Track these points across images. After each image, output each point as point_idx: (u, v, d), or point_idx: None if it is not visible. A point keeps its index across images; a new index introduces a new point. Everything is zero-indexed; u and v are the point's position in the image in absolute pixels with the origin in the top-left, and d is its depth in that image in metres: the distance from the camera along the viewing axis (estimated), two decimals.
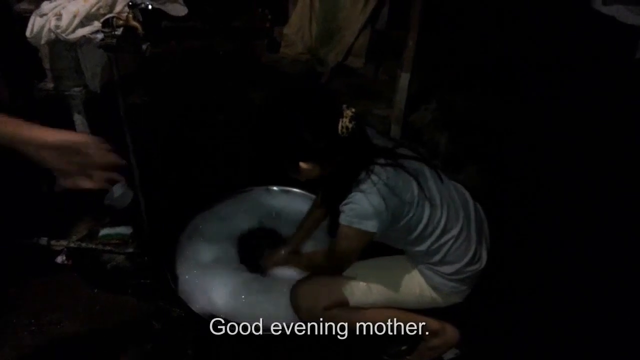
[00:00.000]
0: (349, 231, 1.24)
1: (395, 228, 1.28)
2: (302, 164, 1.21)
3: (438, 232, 1.31)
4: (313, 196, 1.88)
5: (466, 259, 1.35)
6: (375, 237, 1.26)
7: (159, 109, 2.62)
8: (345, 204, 1.23)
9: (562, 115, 2.55)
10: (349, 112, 1.18)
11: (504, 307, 1.68)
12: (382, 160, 1.25)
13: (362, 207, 1.21)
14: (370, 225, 1.21)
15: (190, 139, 2.52)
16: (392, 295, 1.41)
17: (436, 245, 1.32)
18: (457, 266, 1.34)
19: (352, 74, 3.25)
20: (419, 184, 1.28)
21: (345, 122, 1.17)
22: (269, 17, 3.65)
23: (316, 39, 3.32)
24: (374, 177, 1.21)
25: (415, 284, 1.41)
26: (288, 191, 1.96)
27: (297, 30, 3.36)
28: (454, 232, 1.33)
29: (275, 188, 1.99)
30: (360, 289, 1.40)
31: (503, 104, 2.76)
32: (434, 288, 1.39)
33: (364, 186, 1.22)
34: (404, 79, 2.47)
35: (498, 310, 1.66)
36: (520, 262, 1.85)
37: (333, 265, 1.38)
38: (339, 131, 1.17)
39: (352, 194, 1.23)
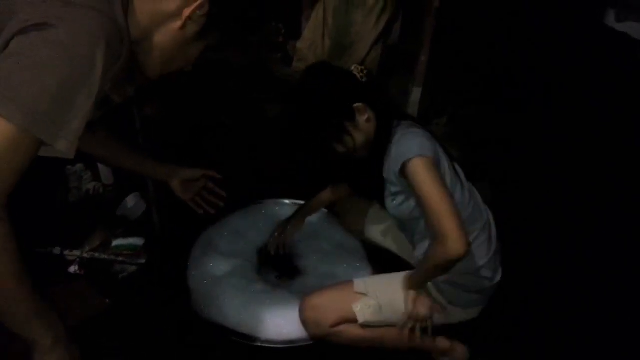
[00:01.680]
0: (419, 162, 1.21)
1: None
2: (357, 104, 1.27)
3: (465, 215, 1.29)
4: (324, 210, 1.89)
5: (485, 260, 1.34)
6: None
7: (173, 121, 2.65)
8: (395, 154, 1.26)
9: (574, 131, 2.54)
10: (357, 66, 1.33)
11: (514, 326, 1.66)
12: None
13: (412, 139, 1.25)
14: (427, 149, 1.24)
15: (203, 151, 2.54)
16: (403, 314, 1.39)
17: (468, 228, 1.29)
18: (475, 265, 1.33)
19: None
20: (449, 157, 1.35)
21: (358, 69, 1.31)
22: (283, 31, 3.70)
23: (329, 53, 3.34)
24: (406, 123, 1.32)
25: (428, 295, 1.40)
26: (299, 204, 1.96)
27: (310, 45, 3.39)
28: (478, 225, 1.33)
29: (286, 201, 2.00)
30: (371, 307, 1.38)
31: (515, 119, 2.76)
32: (449, 302, 1.38)
33: (403, 130, 1.29)
34: (416, 93, 2.49)
35: (508, 329, 1.64)
36: (532, 279, 1.83)
37: (448, 235, 1.17)
38: (359, 78, 1.30)
39: (394, 146, 1.27)
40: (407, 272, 1.43)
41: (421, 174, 1.20)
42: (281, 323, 1.48)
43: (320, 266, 1.69)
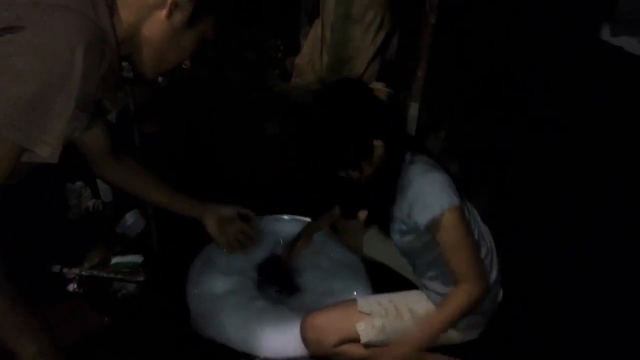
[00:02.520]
0: (446, 221, 1.16)
1: None
2: (376, 142, 1.19)
3: (476, 235, 1.30)
4: None
5: (490, 282, 1.33)
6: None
7: (171, 137, 2.66)
8: (413, 204, 1.19)
9: (571, 144, 2.55)
10: (378, 85, 1.24)
11: (517, 345, 1.65)
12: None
13: (432, 187, 1.18)
14: (454, 197, 1.17)
15: (201, 167, 2.55)
16: (407, 334, 1.37)
17: None
18: None
19: None
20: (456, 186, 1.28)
21: (382, 91, 1.22)
22: (281, 47, 3.73)
23: (327, 69, 3.37)
24: (423, 158, 1.24)
25: (430, 316, 1.39)
26: (298, 220, 1.96)
27: (309, 61, 3.42)
28: (484, 251, 1.32)
29: (285, 217, 1.99)
30: (375, 327, 1.37)
31: (513, 132, 2.77)
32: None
33: (417, 171, 1.21)
34: (414, 108, 2.49)
35: (511, 348, 1.63)
36: (534, 297, 1.82)
37: (478, 278, 1.22)
38: (382, 98, 1.22)
39: (409, 189, 1.20)
40: (412, 291, 1.42)
41: (454, 230, 1.18)
42: (281, 341, 1.47)
43: (320, 283, 1.68)
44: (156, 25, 0.90)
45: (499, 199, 2.35)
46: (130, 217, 2.02)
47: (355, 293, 1.59)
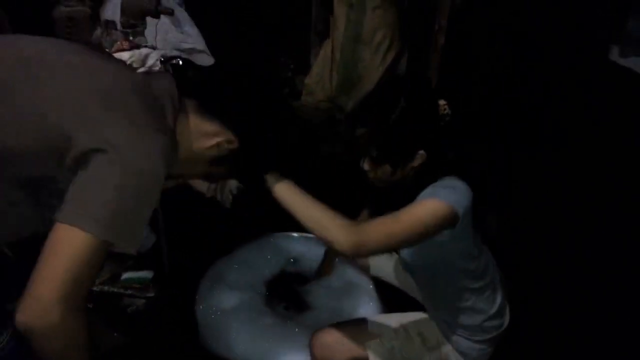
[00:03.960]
0: (427, 204, 1.10)
1: (452, 248, 1.20)
2: (420, 152, 1.16)
3: (479, 272, 1.28)
4: None
5: (492, 311, 1.32)
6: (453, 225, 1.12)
7: None
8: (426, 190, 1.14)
9: (578, 162, 2.55)
10: (442, 101, 1.20)
11: None
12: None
13: (451, 184, 1.15)
14: (454, 200, 1.10)
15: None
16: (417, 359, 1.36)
17: (474, 285, 1.29)
18: (483, 317, 1.32)
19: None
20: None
21: (443, 107, 1.18)
22: (291, 66, 3.79)
23: (336, 88, 3.41)
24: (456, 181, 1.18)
25: (442, 349, 1.38)
26: (308, 237, 1.97)
27: (318, 80, 3.46)
28: (487, 279, 1.31)
29: (295, 234, 2.00)
30: (384, 348, 1.35)
31: (522, 151, 2.78)
32: (461, 353, 1.37)
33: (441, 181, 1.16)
34: None
35: None
36: (541, 319, 1.81)
37: (353, 237, 1.05)
38: (441, 116, 1.19)
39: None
40: (421, 314, 1.42)
41: (422, 210, 1.09)
42: (289, 358, 1.47)
43: (329, 301, 1.69)
44: (193, 143, 1.00)
45: (506, 220, 2.35)
46: None
47: (364, 312, 1.59)
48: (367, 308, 1.64)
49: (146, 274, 1.91)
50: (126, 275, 1.91)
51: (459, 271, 1.27)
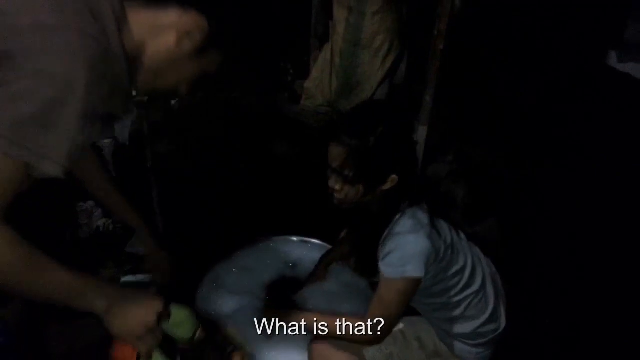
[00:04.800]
0: (400, 284, 1.18)
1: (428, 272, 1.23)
2: (393, 176, 1.19)
3: (462, 284, 1.30)
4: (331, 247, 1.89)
5: (485, 316, 1.33)
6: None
7: (182, 158, 2.70)
8: (387, 255, 1.19)
9: (577, 167, 2.56)
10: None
11: None
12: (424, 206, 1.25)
13: (408, 250, 1.17)
14: (418, 270, 1.16)
15: (212, 187, 2.58)
16: None
17: (458, 298, 1.30)
18: (476, 323, 1.33)
19: None
20: (449, 230, 1.29)
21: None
22: (291, 71, 3.80)
23: (335, 93, 3.42)
24: (421, 216, 1.21)
25: (440, 354, 1.39)
26: (307, 242, 1.97)
27: (318, 85, 3.47)
28: (475, 287, 1.32)
29: (294, 238, 2.00)
30: (383, 353, 1.36)
31: (519, 156, 2.78)
32: (459, 357, 1.37)
33: (406, 226, 1.19)
34: (422, 132, 2.52)
35: None
36: (539, 321, 1.81)
37: (376, 333, 1.24)
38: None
39: (393, 239, 1.20)
40: (419, 318, 1.42)
41: (396, 295, 1.20)
42: None
43: (327, 306, 1.68)
44: (163, 48, 0.93)
45: (507, 222, 2.35)
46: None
47: None
48: (365, 314, 1.63)
49: (145, 277, 1.91)
50: (125, 279, 1.90)
51: (441, 290, 1.30)
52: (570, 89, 2.79)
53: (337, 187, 1.21)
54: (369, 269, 1.29)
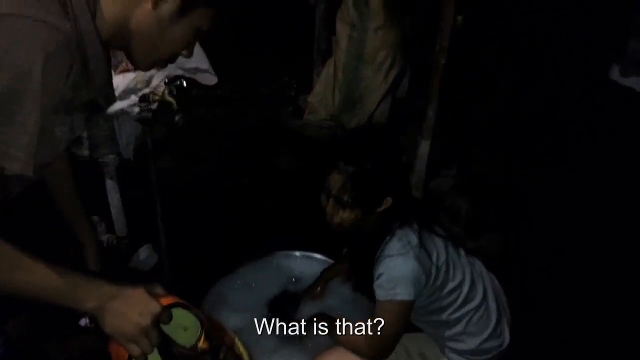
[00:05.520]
0: (392, 307, 1.21)
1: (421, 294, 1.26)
2: (388, 199, 1.23)
3: (460, 300, 1.30)
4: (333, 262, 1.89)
5: (488, 331, 1.32)
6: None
7: (185, 173, 2.71)
8: (378, 277, 1.22)
9: (580, 179, 2.55)
10: None
11: None
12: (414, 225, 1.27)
13: (396, 273, 1.20)
14: (407, 293, 1.19)
15: (215, 201, 2.58)
16: None
17: (457, 314, 1.30)
18: (479, 339, 1.32)
19: None
20: (446, 247, 1.29)
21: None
22: (295, 85, 3.83)
23: (338, 107, 3.43)
24: (410, 237, 1.23)
25: None
26: (310, 257, 1.97)
27: (321, 99, 3.49)
28: (475, 303, 1.31)
29: (296, 253, 2.00)
30: None
31: (522, 170, 2.78)
32: None
33: (395, 248, 1.22)
34: (424, 146, 2.52)
35: None
36: (544, 336, 1.80)
37: (379, 351, 1.28)
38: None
39: (383, 261, 1.22)
40: (423, 335, 1.41)
41: (391, 316, 1.22)
42: None
43: None
44: (143, 17, 0.88)
45: (511, 236, 2.34)
46: (143, 252, 2.04)
47: None
48: None
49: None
50: None
51: (438, 308, 1.30)
52: (574, 103, 2.79)
53: (336, 212, 1.24)
54: (367, 289, 1.30)
